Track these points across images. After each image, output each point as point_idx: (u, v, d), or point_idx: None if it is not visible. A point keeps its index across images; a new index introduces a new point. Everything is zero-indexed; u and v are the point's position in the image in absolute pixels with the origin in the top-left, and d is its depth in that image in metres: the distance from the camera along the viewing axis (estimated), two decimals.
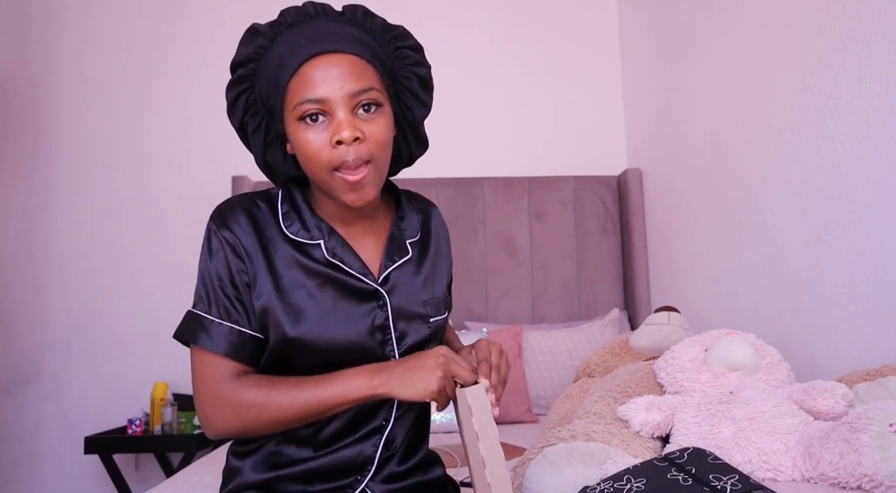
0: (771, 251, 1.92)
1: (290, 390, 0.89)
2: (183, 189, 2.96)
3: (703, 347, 1.41)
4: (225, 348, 0.91)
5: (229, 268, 0.92)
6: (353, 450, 0.96)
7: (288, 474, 0.96)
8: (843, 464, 1.02)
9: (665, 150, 2.68)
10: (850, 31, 1.59)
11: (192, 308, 0.93)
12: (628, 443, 1.22)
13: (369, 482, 0.97)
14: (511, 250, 2.89)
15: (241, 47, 0.93)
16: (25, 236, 2.88)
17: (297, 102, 0.87)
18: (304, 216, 0.96)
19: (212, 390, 0.91)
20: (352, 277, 0.95)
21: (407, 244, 1.01)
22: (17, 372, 2.81)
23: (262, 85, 0.92)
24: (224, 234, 0.92)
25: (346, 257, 0.95)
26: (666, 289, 2.66)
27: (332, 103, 0.87)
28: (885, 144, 1.49)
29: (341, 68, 0.87)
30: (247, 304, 0.92)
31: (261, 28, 0.92)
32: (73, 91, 2.99)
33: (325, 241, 0.95)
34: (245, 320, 0.92)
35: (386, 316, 0.95)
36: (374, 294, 0.95)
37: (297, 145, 0.90)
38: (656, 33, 2.77)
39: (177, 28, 3.06)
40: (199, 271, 0.94)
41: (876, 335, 1.52)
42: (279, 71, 0.89)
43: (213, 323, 0.91)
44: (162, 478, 2.74)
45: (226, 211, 0.94)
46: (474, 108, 3.08)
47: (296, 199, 0.98)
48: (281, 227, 0.95)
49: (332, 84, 0.87)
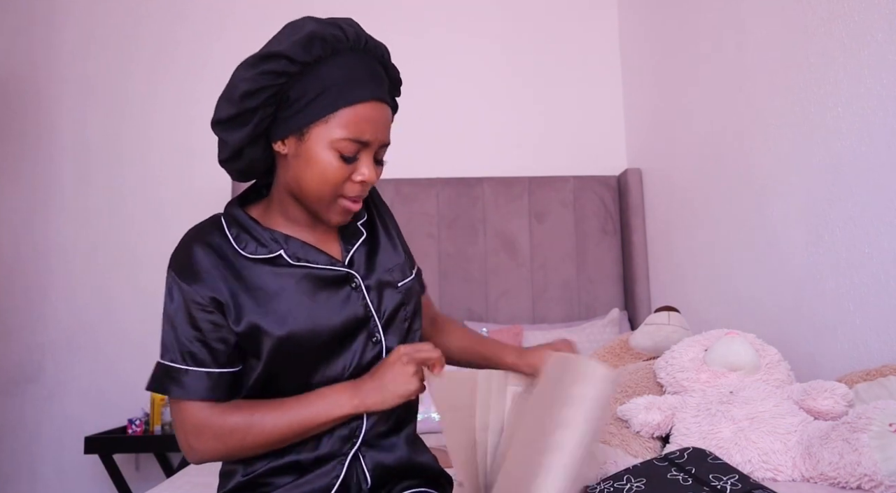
0: (771, 251, 1.92)
1: (272, 411, 0.94)
2: (185, 189, 2.96)
3: (703, 347, 1.41)
4: (199, 393, 0.94)
5: (190, 312, 0.94)
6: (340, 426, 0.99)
7: (282, 464, 0.98)
8: (842, 464, 1.02)
9: (665, 149, 2.68)
10: (850, 31, 1.59)
11: (160, 359, 0.96)
12: (628, 443, 1.22)
13: (361, 448, 0.99)
14: (511, 250, 2.89)
15: (299, 48, 0.89)
16: (26, 236, 2.88)
17: (344, 135, 0.92)
18: (255, 234, 0.98)
19: (192, 417, 0.94)
20: (321, 269, 0.99)
21: (359, 226, 1.08)
22: (17, 372, 2.81)
23: (307, 90, 0.91)
24: (182, 279, 0.94)
25: (310, 255, 1.00)
26: (666, 289, 2.66)
27: (370, 148, 0.96)
28: (885, 144, 1.49)
29: (385, 119, 0.96)
30: (213, 342, 0.94)
31: (323, 34, 0.90)
32: (76, 91, 2.99)
33: (285, 249, 0.99)
34: (212, 360, 0.94)
35: (362, 294, 1.01)
36: (347, 278, 1.01)
37: (317, 164, 0.93)
38: (656, 33, 2.77)
39: (180, 28, 3.05)
40: (163, 318, 0.96)
41: (876, 335, 1.52)
42: (335, 93, 0.91)
43: (181, 372, 0.94)
44: (162, 478, 2.73)
45: (180, 254, 0.97)
46: (474, 108, 3.08)
47: (241, 219, 0.99)
48: (237, 250, 0.97)
49: (376, 133, 0.95)
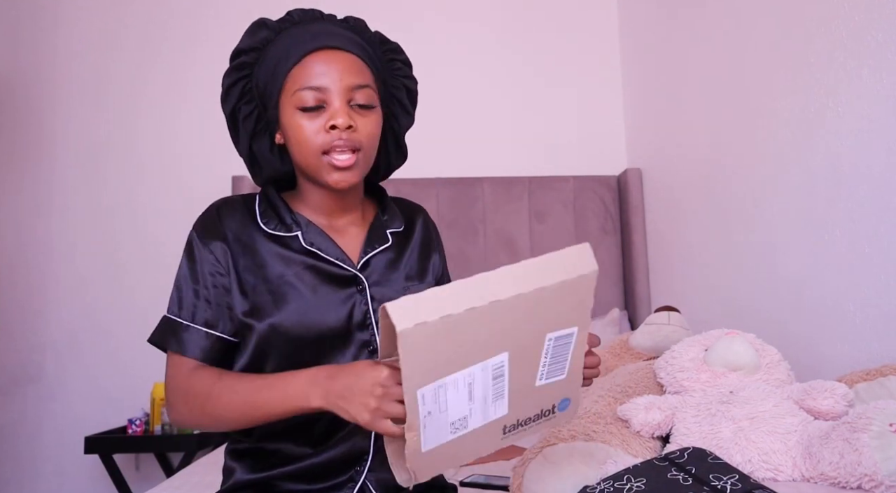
0: (771, 251, 1.92)
1: (232, 384, 0.90)
2: (183, 189, 2.96)
3: (703, 346, 1.41)
4: (193, 352, 0.94)
5: (203, 271, 0.96)
6: (347, 444, 0.97)
7: (286, 472, 0.96)
8: (843, 464, 1.02)
9: (665, 150, 2.68)
10: (850, 31, 1.59)
11: (167, 313, 0.98)
12: (628, 443, 1.22)
13: (368, 475, 0.97)
14: (511, 250, 2.89)
15: (247, 37, 0.98)
16: (26, 237, 2.88)
17: (296, 88, 0.92)
18: (280, 213, 1.00)
19: (172, 377, 0.95)
20: (330, 263, 0.98)
21: (388, 233, 1.05)
22: (17, 372, 2.80)
23: (262, 74, 0.97)
24: (204, 239, 0.97)
25: (323, 245, 0.98)
26: (666, 289, 2.66)
27: (330, 93, 0.93)
28: (885, 144, 1.49)
29: (342, 63, 0.94)
30: (217, 307, 0.95)
31: (268, 22, 0.98)
32: (73, 91, 2.99)
33: (303, 232, 0.99)
34: (214, 322, 0.95)
35: (365, 300, 0.97)
36: (354, 279, 0.98)
37: (291, 130, 0.94)
38: (656, 33, 2.77)
39: (171, 29, 3.05)
40: (176, 275, 0.98)
41: (876, 335, 1.52)
42: (281, 60, 0.94)
43: (181, 326, 0.95)
44: (162, 478, 2.73)
45: (207, 216, 0.99)
46: (474, 107, 3.08)
47: (272, 199, 1.02)
48: (259, 225, 0.99)
49: (332, 75, 0.93)
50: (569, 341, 0.78)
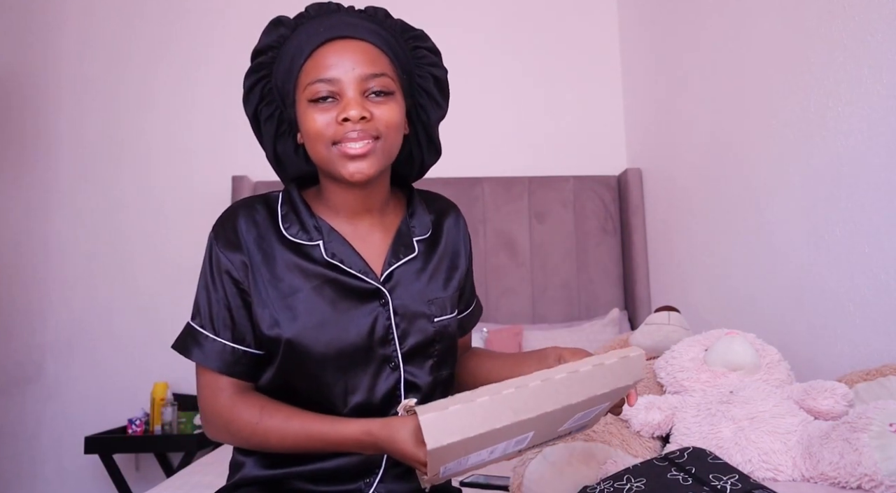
0: (771, 251, 1.92)
1: (279, 427, 0.89)
2: (183, 189, 2.96)
3: (703, 346, 1.41)
4: (217, 364, 0.92)
5: (225, 285, 0.93)
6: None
7: (295, 472, 0.95)
8: (843, 464, 1.02)
9: (665, 149, 2.68)
10: (850, 31, 1.59)
11: (191, 320, 0.95)
12: (628, 443, 1.22)
13: (379, 486, 0.95)
14: (511, 250, 2.89)
15: (264, 36, 0.95)
16: (26, 236, 2.88)
17: (308, 81, 0.89)
18: (302, 218, 0.96)
19: (210, 401, 0.93)
20: (352, 276, 0.94)
21: (414, 242, 0.99)
22: (17, 372, 2.80)
23: (280, 72, 0.94)
24: (223, 248, 0.93)
25: (346, 257, 0.94)
26: (666, 289, 2.66)
27: (342, 84, 0.88)
28: (885, 144, 1.49)
29: (355, 53, 0.90)
30: (241, 319, 0.93)
31: (284, 19, 0.94)
32: (74, 91, 2.99)
33: (324, 241, 0.94)
34: (239, 336, 0.93)
35: (388, 315, 0.93)
36: (376, 293, 0.94)
37: (304, 124, 0.91)
38: (656, 33, 2.77)
39: (178, 28, 3.06)
40: (199, 282, 0.95)
41: (876, 335, 1.52)
42: (296, 57, 0.91)
43: (207, 339, 0.92)
44: (162, 478, 2.73)
45: (226, 222, 0.95)
46: (474, 108, 3.07)
47: (295, 201, 0.97)
48: (280, 229, 0.95)
49: (344, 65, 0.89)
50: (599, 409, 0.84)
